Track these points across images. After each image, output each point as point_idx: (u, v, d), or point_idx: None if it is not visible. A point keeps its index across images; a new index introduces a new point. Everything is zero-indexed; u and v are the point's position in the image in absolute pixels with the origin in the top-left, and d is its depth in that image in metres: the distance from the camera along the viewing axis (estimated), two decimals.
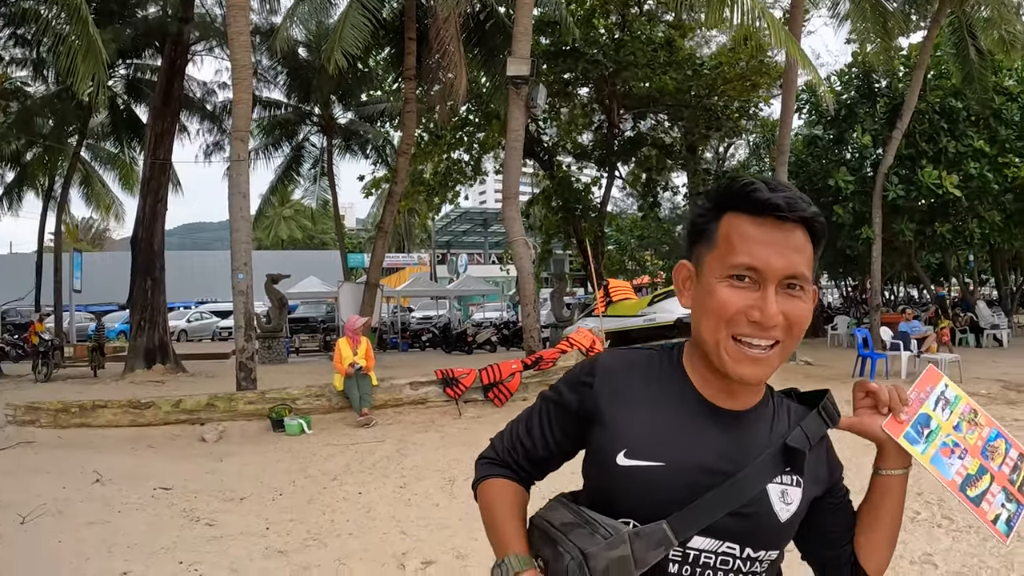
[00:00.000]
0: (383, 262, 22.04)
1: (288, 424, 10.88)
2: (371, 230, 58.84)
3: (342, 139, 30.52)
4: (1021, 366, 16.29)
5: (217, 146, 27.19)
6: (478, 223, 56.50)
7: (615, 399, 1.42)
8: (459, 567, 5.33)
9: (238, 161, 12.82)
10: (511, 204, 15.34)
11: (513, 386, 12.50)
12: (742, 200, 1.34)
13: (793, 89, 18.48)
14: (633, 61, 22.41)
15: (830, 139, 23.44)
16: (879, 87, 22.92)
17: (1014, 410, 11.08)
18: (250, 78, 13.42)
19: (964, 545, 5.52)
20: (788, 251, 1.31)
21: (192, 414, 10.99)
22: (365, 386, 11.63)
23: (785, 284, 1.32)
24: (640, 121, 28.65)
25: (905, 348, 15.34)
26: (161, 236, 20.06)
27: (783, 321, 1.31)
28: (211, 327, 40.82)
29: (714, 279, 1.34)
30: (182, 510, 6.87)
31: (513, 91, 14.82)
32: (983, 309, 24.31)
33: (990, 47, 19.67)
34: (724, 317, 1.31)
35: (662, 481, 1.35)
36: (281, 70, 25.66)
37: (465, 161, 28.24)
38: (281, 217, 72.29)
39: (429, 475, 8.19)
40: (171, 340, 21.07)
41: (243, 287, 12.62)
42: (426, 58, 17.81)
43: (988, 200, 20.94)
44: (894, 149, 19.65)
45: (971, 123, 21.32)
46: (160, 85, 19.95)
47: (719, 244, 1.35)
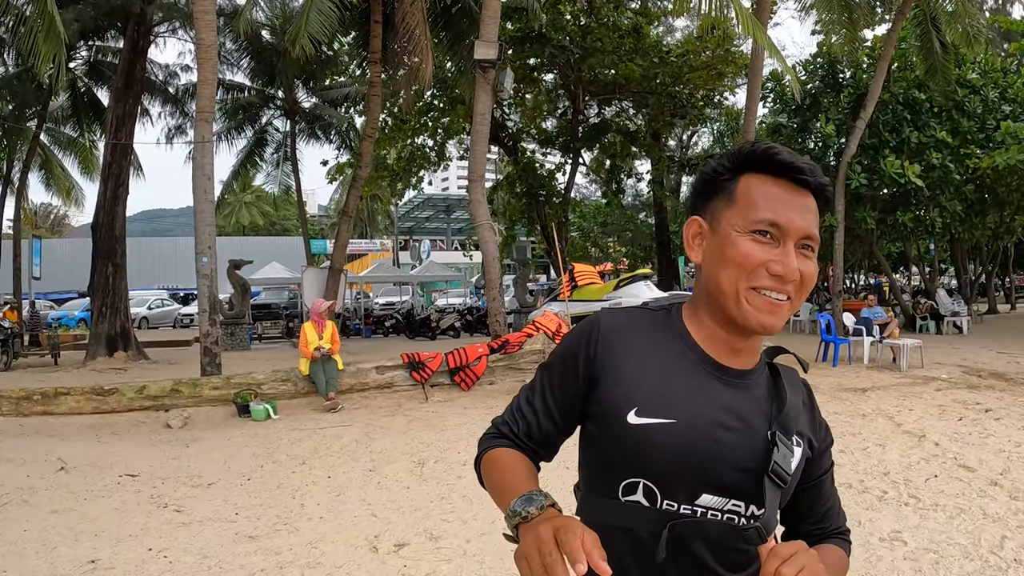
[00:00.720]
0: (347, 247, 21.92)
1: (254, 409, 10.80)
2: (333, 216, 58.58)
3: (306, 123, 30.27)
4: (980, 352, 16.54)
5: (179, 129, 26.88)
6: (441, 209, 56.25)
7: (621, 358, 1.43)
8: (432, 548, 5.32)
9: (202, 142, 12.67)
10: (477, 187, 15.31)
11: (479, 370, 12.49)
12: (764, 162, 1.39)
13: (758, 77, 18.57)
14: (599, 48, 22.43)
15: (794, 128, 23.58)
16: (843, 77, 23.08)
17: (975, 394, 11.26)
18: (215, 58, 13.30)
19: (932, 523, 5.61)
20: (806, 212, 1.38)
21: (156, 400, 10.88)
22: (331, 370, 11.58)
23: (801, 244, 1.36)
24: (605, 108, 28.72)
25: (867, 334, 15.53)
26: (122, 221, 19.78)
27: (798, 278, 1.35)
28: (172, 314, 40.39)
29: (735, 232, 1.37)
30: (149, 497, 6.81)
31: (480, 75, 14.78)
32: (943, 297, 24.62)
33: (954, 40, 19.89)
34: (747, 268, 1.35)
35: (673, 438, 1.36)
36: (245, 53, 25.37)
37: (429, 146, 28.10)
38: (242, 203, 71.68)
39: (398, 458, 8.18)
40: (132, 327, 20.81)
41: (207, 270, 12.50)
42: (392, 42, 17.71)
43: (949, 190, 21.19)
44: (857, 138, 19.82)
45: (934, 114, 21.55)
46: (122, 66, 19.62)
47: (740, 200, 1.39)
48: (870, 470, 7.13)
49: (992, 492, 6.31)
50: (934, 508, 5.94)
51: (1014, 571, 4.67)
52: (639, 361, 1.42)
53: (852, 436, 8.67)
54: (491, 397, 11.93)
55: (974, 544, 5.15)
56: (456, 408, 11.23)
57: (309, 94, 29.58)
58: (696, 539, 1.38)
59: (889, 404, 10.63)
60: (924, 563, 4.83)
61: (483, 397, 11.97)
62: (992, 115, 21.43)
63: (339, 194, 55.47)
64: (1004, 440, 8.20)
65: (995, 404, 10.36)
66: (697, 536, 1.38)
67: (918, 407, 10.35)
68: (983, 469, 7.02)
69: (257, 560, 5.16)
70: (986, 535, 5.30)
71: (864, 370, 14.38)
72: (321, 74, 26.78)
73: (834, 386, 12.38)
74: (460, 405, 11.44)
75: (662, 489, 1.37)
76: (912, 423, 9.29)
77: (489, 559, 5.07)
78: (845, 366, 14.98)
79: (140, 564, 5.11)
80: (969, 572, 4.67)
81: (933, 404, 10.55)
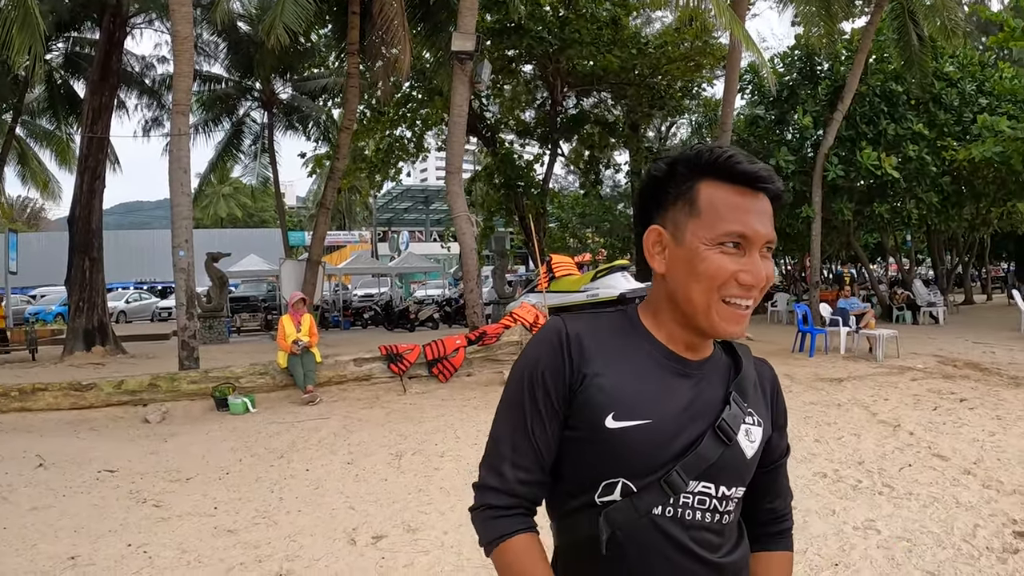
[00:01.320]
0: (325, 239, 21.86)
1: (232, 403, 10.78)
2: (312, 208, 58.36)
3: (283, 115, 30.15)
4: (956, 342, 16.70)
5: (156, 122, 26.69)
6: (419, 200, 56.17)
7: (593, 362, 1.43)
8: (410, 540, 5.35)
9: (179, 135, 12.60)
10: (454, 179, 15.31)
11: (457, 361, 12.53)
12: (722, 169, 1.40)
13: (736, 69, 18.65)
14: (578, 39, 22.41)
15: (772, 119, 23.68)
16: (821, 70, 23.19)
17: (950, 384, 11.37)
18: (191, 50, 13.21)
19: (905, 512, 5.67)
20: (766, 219, 1.41)
21: (135, 395, 10.84)
22: (309, 363, 11.58)
23: (763, 249, 1.40)
24: (583, 99, 28.73)
25: (844, 324, 15.64)
26: (99, 214, 19.64)
27: (764, 283, 1.40)
28: (150, 307, 40.15)
29: (703, 245, 1.38)
30: (128, 492, 6.79)
31: (457, 66, 14.77)
32: (920, 288, 24.82)
33: (932, 34, 20.03)
34: (719, 281, 1.37)
35: (651, 438, 1.38)
36: (222, 44, 25.22)
37: (408, 138, 28.03)
38: (220, 195, 71.36)
39: (376, 451, 8.20)
40: (110, 321, 20.68)
41: (184, 264, 12.45)
42: (370, 33, 17.62)
43: (926, 182, 21.35)
44: (834, 130, 19.93)
45: (911, 107, 21.70)
46: (98, 58, 19.43)
47: (704, 211, 1.40)
48: (845, 459, 7.20)
49: (965, 481, 6.38)
50: (908, 497, 6.01)
51: (986, 559, 4.73)
52: (610, 364, 1.43)
53: (827, 426, 8.75)
54: (469, 389, 11.97)
55: (947, 532, 5.21)
56: (434, 400, 11.26)
57: (286, 85, 29.46)
58: (675, 526, 1.41)
59: (865, 394, 10.72)
60: (897, 551, 4.89)
61: (461, 389, 12.00)
62: (969, 108, 21.63)
63: (317, 186, 55.26)
64: (978, 430, 8.29)
65: (970, 394, 10.47)
66: (675, 523, 1.41)
67: (893, 397, 10.45)
68: (957, 458, 7.10)
69: (236, 554, 5.17)
70: (959, 523, 5.37)
71: (840, 360, 14.49)
72: (298, 65, 26.68)
73: (810, 376, 12.48)
74: (438, 397, 11.47)
75: (640, 485, 1.40)
76: (887, 413, 9.37)
77: (467, 550, 5.09)
78: (822, 356, 15.09)
79: (120, 560, 5.10)
80: (941, 560, 4.73)
81: (908, 394, 10.65)
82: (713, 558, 1.44)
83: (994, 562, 4.69)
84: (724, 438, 1.42)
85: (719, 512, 1.44)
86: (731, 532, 1.50)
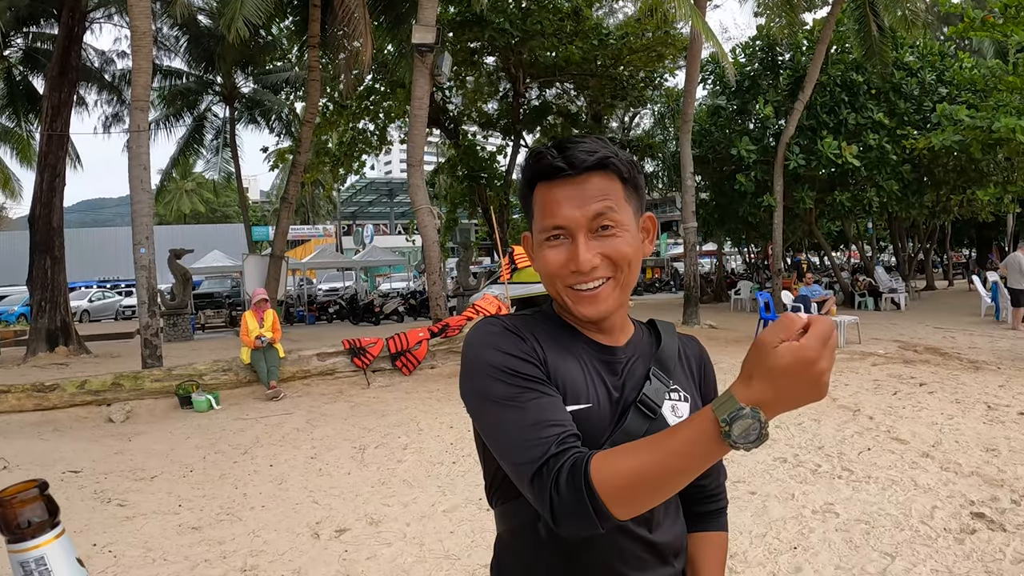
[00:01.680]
0: (288, 233, 21.77)
1: (196, 400, 10.71)
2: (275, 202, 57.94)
3: (245, 109, 29.94)
4: (917, 328, 16.93)
5: (116, 118, 26.43)
6: (383, 193, 55.91)
7: (544, 351, 1.45)
8: (373, 533, 5.36)
9: (138, 131, 12.48)
10: (416, 172, 15.28)
11: (420, 354, 12.53)
12: (538, 171, 1.45)
13: (698, 60, 18.77)
14: (540, 30, 22.42)
15: (733, 109, 23.85)
16: (782, 60, 23.39)
17: (910, 368, 11.53)
18: (150, 45, 13.07)
19: (864, 494, 5.76)
20: (585, 200, 1.40)
21: (98, 395, 10.73)
22: (272, 359, 11.53)
23: (596, 228, 1.41)
24: (546, 90, 28.75)
25: (806, 311, 15.77)
26: (60, 212, 19.38)
27: (602, 261, 1.41)
28: (114, 306, 39.72)
29: (539, 244, 1.46)
30: (92, 492, 6.75)
31: (418, 59, 14.73)
32: (881, 274, 25.13)
33: (892, 24, 20.26)
34: (551, 273, 1.44)
35: (593, 421, 1.40)
36: (182, 38, 24.98)
37: (371, 131, 27.93)
38: (183, 191, 70.62)
39: (339, 444, 8.20)
40: (73, 320, 20.45)
41: (145, 262, 12.34)
42: (331, 26, 17.56)
43: (886, 170, 21.59)
44: (796, 120, 20.12)
45: (871, 96, 21.93)
46: (56, 54, 19.14)
47: (535, 213, 1.47)
48: (804, 444, 7.29)
49: (924, 464, 6.48)
50: (867, 480, 6.10)
51: (943, 540, 4.81)
52: (554, 353, 1.45)
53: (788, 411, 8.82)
54: (432, 381, 11.97)
55: (905, 515, 5.29)
56: (397, 393, 11.26)
57: (248, 79, 29.27)
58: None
59: None
60: (855, 534, 4.96)
61: (424, 381, 12.00)
62: (929, 97, 21.90)
63: (280, 180, 54.89)
64: (937, 413, 8.42)
65: (929, 378, 10.62)
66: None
67: (854, 382, 10.57)
68: (916, 442, 7.21)
69: (201, 551, 5.16)
70: (917, 505, 5.46)
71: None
72: (260, 59, 26.49)
73: None
74: (402, 390, 11.47)
75: None
76: (847, 398, 9.49)
77: (429, 541, 5.13)
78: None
79: (85, 560, 4.91)
80: (900, 542, 4.81)
81: (869, 379, 10.79)
82: (651, 537, 1.46)
83: (951, 543, 4.77)
84: (648, 412, 1.44)
85: None
86: (667, 510, 1.52)
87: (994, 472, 6.16)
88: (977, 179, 23.02)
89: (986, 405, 8.72)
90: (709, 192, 27.20)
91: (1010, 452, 6.71)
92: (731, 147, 21.59)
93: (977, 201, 24.68)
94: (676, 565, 1.53)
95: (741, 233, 31.88)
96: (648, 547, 1.46)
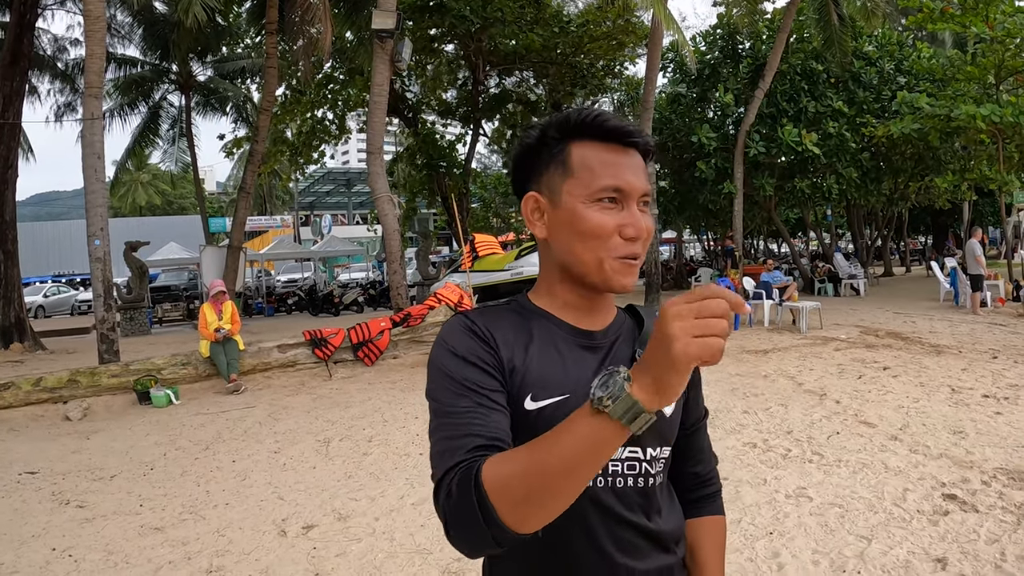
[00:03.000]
0: (246, 224, 21.51)
1: (155, 396, 10.51)
2: (232, 193, 57.40)
3: (201, 97, 29.56)
4: (877, 313, 17.07)
5: (70, 107, 25.98)
6: (341, 183, 55.57)
7: (505, 348, 1.40)
8: (341, 529, 5.25)
9: (92, 120, 12.20)
10: (375, 160, 15.12)
11: (383, 344, 12.42)
12: (592, 129, 1.40)
13: (658, 48, 18.76)
14: (500, 18, 22.30)
15: (694, 97, 23.99)
16: (743, 48, 23.55)
17: (873, 353, 11.61)
18: (103, 30, 12.74)
19: (836, 478, 5.77)
20: (640, 172, 1.41)
21: (54, 392, 10.47)
22: (232, 351, 11.35)
23: (641, 201, 1.40)
24: (506, 78, 28.63)
25: (767, 297, 15.88)
26: (12, 206, 18.94)
27: (646, 235, 1.40)
28: (69, 301, 39.10)
29: (581, 204, 1.38)
30: (50, 494, 6.56)
31: (378, 45, 14.57)
32: (840, 260, 25.37)
33: (852, 14, 20.48)
34: (603, 239, 1.36)
35: (571, 409, 1.33)
36: (137, 25, 24.55)
37: (330, 119, 27.67)
38: (138, 183, 69.77)
39: (303, 438, 8.08)
40: (28, 317, 20.03)
41: (100, 254, 12.08)
42: (289, 11, 17.30)
43: (845, 158, 21.83)
44: (756, 108, 20.25)
45: (830, 85, 22.20)
46: (7, 42, 18.64)
47: (577, 170, 1.39)
48: (773, 429, 7.28)
49: (893, 447, 6.49)
50: (837, 464, 6.10)
51: (917, 521, 4.82)
52: (519, 349, 1.41)
53: (755, 397, 8.86)
54: (395, 371, 11.88)
55: (878, 497, 5.30)
56: (360, 384, 11.15)
57: (205, 67, 28.92)
58: (608, 495, 1.40)
59: (790, 365, 10.89)
60: (830, 517, 4.95)
61: (387, 371, 11.90)
62: (888, 86, 22.22)
63: (237, 171, 54.36)
64: (902, 396, 8.47)
65: (892, 362, 10.69)
66: (608, 492, 1.40)
67: (818, 367, 10.62)
68: (883, 425, 7.24)
69: (164, 552, 5.02)
70: (889, 488, 5.47)
71: (765, 332, 14.71)
72: (216, 45, 26.15)
73: (736, 348, 12.63)
74: (364, 380, 11.36)
75: None
76: (813, 382, 9.52)
77: (399, 535, 5.04)
78: (746, 329, 15.29)
79: (44, 565, 4.91)
80: (874, 524, 4.81)
81: (833, 363, 10.84)
82: (650, 525, 1.45)
83: (926, 524, 4.78)
84: None
85: (650, 475, 1.45)
86: (663, 497, 1.51)
87: (963, 454, 6.19)
88: (934, 167, 23.37)
89: (950, 388, 8.79)
90: (669, 180, 27.28)
91: (977, 434, 6.75)
92: (691, 135, 21.68)
93: (934, 188, 25.05)
94: (677, 552, 1.53)
95: (701, 220, 32.07)
96: (646, 535, 1.45)
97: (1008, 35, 16.92)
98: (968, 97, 18.26)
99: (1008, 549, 4.37)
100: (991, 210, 34.74)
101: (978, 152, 21.79)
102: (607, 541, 1.40)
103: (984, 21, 17.03)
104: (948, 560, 4.26)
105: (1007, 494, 5.24)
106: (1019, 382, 8.98)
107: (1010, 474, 5.65)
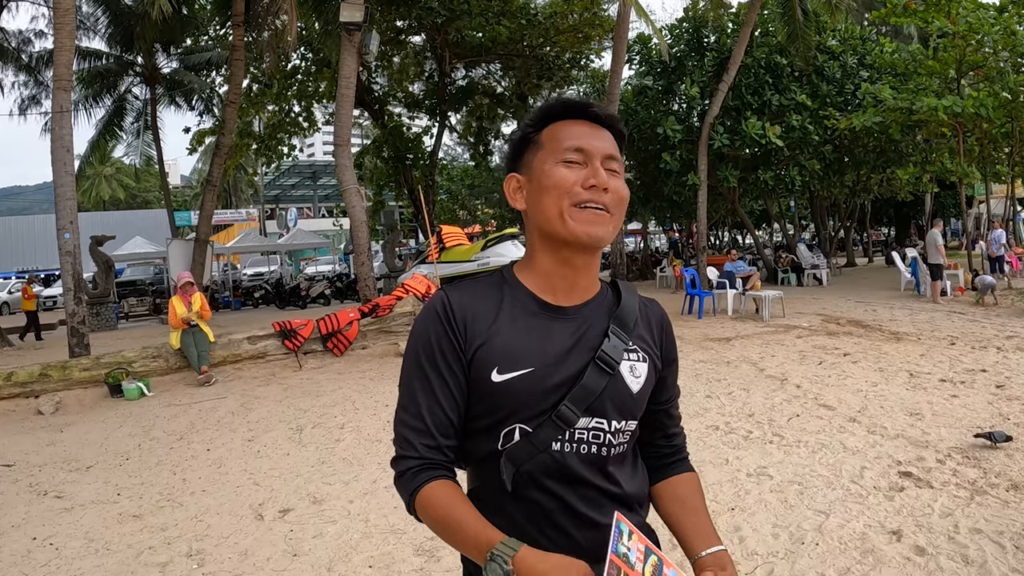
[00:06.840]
0: (212, 218, 21.45)
1: (127, 388, 10.53)
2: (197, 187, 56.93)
3: (166, 90, 29.33)
4: (839, 302, 17.36)
5: (34, 100, 25.73)
6: (307, 176, 55.14)
7: (475, 325, 1.53)
8: (316, 512, 5.39)
9: (61, 112, 12.16)
10: (343, 151, 15.16)
11: (351, 335, 12.50)
12: (562, 110, 1.59)
13: (624, 40, 18.93)
14: (467, 10, 22.31)
15: (659, 90, 24.12)
16: (708, 42, 23.74)
17: (834, 340, 11.85)
18: (72, 22, 12.69)
19: (795, 458, 5.97)
20: (605, 140, 1.57)
21: (25, 387, 10.46)
22: (203, 343, 11.39)
23: (606, 166, 1.54)
24: (472, 70, 28.66)
25: (731, 286, 16.12)
26: None
27: (611, 194, 1.52)
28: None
29: (547, 165, 1.54)
30: (28, 485, 6.62)
31: (346, 37, 14.63)
32: (803, 251, 25.71)
33: (816, 9, 20.72)
34: (564, 189, 1.51)
35: (537, 384, 1.49)
36: (102, 16, 24.33)
37: (297, 112, 27.57)
38: (102, 177, 69.00)
39: (276, 426, 8.19)
40: None
41: (70, 247, 12.07)
42: (255, 2, 17.27)
43: (808, 150, 22.08)
44: (720, 100, 20.43)
45: (794, 78, 22.48)
46: None
47: (547, 143, 1.56)
48: (736, 412, 7.48)
49: (851, 428, 6.70)
50: (797, 444, 6.30)
51: (873, 497, 5.01)
52: (490, 322, 1.53)
53: (718, 382, 9.06)
54: (364, 361, 11.97)
55: (836, 475, 5.49)
56: (330, 374, 11.24)
57: (170, 59, 28.67)
58: (574, 459, 1.53)
59: (753, 351, 11.11)
60: (790, 494, 5.14)
61: (356, 362, 11.99)
62: (850, 80, 22.54)
63: (202, 164, 53.96)
64: (862, 381, 8.70)
65: (853, 349, 10.94)
66: (573, 456, 1.53)
67: (780, 353, 10.84)
68: (842, 407, 7.45)
69: (144, 538, 5.11)
70: (846, 466, 5.67)
71: (728, 321, 14.94)
72: (181, 38, 25.94)
73: (700, 336, 12.85)
74: (334, 371, 11.45)
75: (533, 426, 1.50)
76: (775, 368, 9.74)
77: (373, 517, 5.17)
78: (710, 318, 15.53)
79: (26, 554, 4.98)
80: (832, 500, 5.00)
81: (794, 350, 11.07)
82: (613, 488, 1.58)
83: (882, 500, 4.98)
84: (606, 368, 1.53)
85: (612, 445, 1.56)
86: (626, 463, 1.64)
87: (919, 434, 6.41)
88: (896, 159, 23.70)
89: (908, 373, 9.03)
90: (634, 172, 27.43)
91: (933, 416, 6.97)
92: (657, 127, 21.84)
93: (896, 180, 25.40)
94: (640, 513, 1.64)
95: (666, 212, 32.25)
96: (609, 496, 1.57)
97: (970, 30, 17.20)
98: (930, 91, 18.55)
99: (961, 522, 4.55)
100: (953, 202, 35.18)
101: (939, 145, 22.18)
102: (573, 498, 1.53)
103: (947, 16, 17.32)
104: (903, 532, 4.45)
105: (961, 471, 5.45)
106: (975, 367, 9.23)
107: (964, 452, 5.86)
